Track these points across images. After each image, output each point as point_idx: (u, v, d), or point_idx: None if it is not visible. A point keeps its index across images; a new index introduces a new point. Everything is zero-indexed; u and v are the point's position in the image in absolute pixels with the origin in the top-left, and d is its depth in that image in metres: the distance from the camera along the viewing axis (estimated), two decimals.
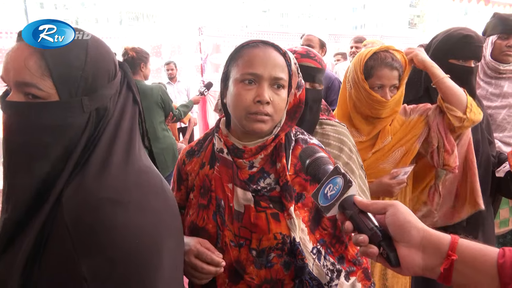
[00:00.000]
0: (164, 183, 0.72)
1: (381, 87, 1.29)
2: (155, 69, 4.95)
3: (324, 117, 1.26)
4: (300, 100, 0.90)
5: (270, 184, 0.85)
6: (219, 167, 0.88)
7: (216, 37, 4.89)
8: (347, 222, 0.60)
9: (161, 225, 0.65)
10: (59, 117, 0.60)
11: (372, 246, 0.56)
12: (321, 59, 1.19)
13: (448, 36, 1.49)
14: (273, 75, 0.80)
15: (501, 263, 0.49)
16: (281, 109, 0.84)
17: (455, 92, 1.33)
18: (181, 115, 3.11)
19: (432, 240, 0.54)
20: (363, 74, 1.30)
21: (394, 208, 0.57)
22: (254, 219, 0.82)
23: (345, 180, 0.60)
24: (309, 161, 0.70)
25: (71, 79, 0.62)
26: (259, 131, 0.82)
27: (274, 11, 56.44)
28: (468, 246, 0.53)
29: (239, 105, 0.81)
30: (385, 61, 1.27)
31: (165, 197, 0.70)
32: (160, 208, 0.67)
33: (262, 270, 0.83)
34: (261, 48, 0.82)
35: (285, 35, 5.48)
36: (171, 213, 0.70)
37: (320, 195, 0.63)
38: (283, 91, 0.83)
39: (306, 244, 0.82)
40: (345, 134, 1.20)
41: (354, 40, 3.46)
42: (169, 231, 0.68)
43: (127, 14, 47.27)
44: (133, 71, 2.80)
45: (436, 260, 0.53)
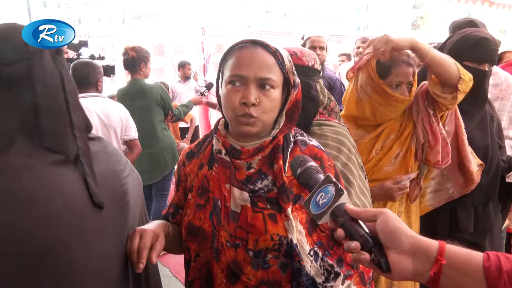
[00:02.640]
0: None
1: (399, 85, 1.27)
2: (158, 69, 4.96)
3: (323, 117, 1.25)
4: (296, 100, 0.89)
5: (267, 185, 0.85)
6: (217, 167, 0.88)
7: (219, 37, 4.90)
8: (339, 229, 0.61)
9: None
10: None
11: (364, 253, 0.58)
12: (312, 57, 1.16)
13: (464, 38, 1.45)
14: (259, 75, 0.79)
15: (487, 266, 0.52)
16: (270, 110, 0.82)
17: (446, 63, 1.21)
18: (180, 114, 3.11)
19: (421, 246, 0.56)
20: (377, 75, 1.27)
21: (384, 216, 0.59)
22: (251, 219, 0.82)
23: (337, 189, 0.62)
24: (300, 170, 0.72)
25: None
26: (248, 134, 0.82)
27: (276, 11, 56.44)
28: (456, 251, 0.55)
29: (228, 107, 0.81)
30: (401, 58, 1.26)
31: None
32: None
33: (259, 271, 0.82)
34: (248, 48, 0.82)
35: (288, 36, 5.48)
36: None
37: (312, 203, 0.64)
38: (273, 92, 0.82)
39: (303, 246, 0.81)
40: (344, 135, 1.19)
41: (361, 40, 3.46)
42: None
43: (130, 13, 47.35)
44: (134, 70, 2.81)
45: (425, 265, 0.55)
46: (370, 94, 1.31)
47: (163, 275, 2.84)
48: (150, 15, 48.59)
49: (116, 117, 2.24)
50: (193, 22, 35.40)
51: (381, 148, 1.37)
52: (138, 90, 2.80)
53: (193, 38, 5.05)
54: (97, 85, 2.27)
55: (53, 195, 0.64)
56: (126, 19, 46.54)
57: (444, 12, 42.21)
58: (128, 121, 2.34)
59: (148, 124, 2.81)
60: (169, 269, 2.91)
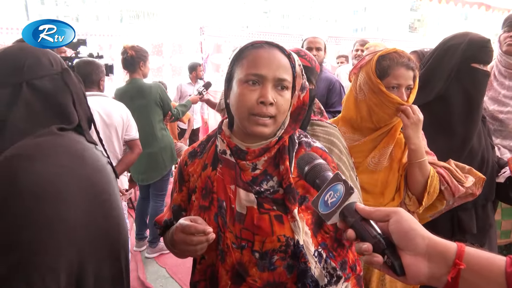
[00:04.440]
0: (87, 152, 0.81)
1: (397, 87, 1.24)
2: (156, 68, 4.94)
3: (316, 118, 1.24)
4: (304, 102, 0.89)
5: (273, 186, 0.85)
6: (222, 168, 0.87)
7: (217, 37, 4.88)
8: (349, 230, 0.58)
9: (67, 177, 0.73)
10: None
11: (377, 255, 0.55)
12: (312, 59, 1.17)
13: (471, 41, 1.46)
14: (277, 76, 0.80)
15: (510, 272, 0.48)
16: (285, 111, 0.83)
17: (422, 180, 1.27)
18: (179, 114, 3.10)
19: (437, 248, 0.53)
20: (375, 74, 1.25)
21: (397, 215, 0.55)
22: (257, 221, 0.82)
23: (346, 187, 0.59)
24: (307, 168, 0.69)
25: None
26: (260, 135, 0.81)
27: (275, 12, 56.47)
28: (475, 254, 0.52)
29: (242, 105, 0.80)
30: (401, 61, 1.24)
31: (81, 160, 0.79)
32: (69, 165, 0.75)
33: (265, 273, 0.82)
34: (265, 49, 0.82)
35: (286, 37, 5.47)
36: (83, 172, 0.78)
37: (320, 203, 0.62)
38: (287, 93, 0.83)
39: (309, 247, 0.81)
40: (335, 135, 1.19)
41: (360, 43, 3.46)
42: (78, 186, 0.74)
43: (128, 12, 47.18)
44: (132, 70, 2.80)
45: (442, 269, 0.52)
46: (366, 94, 1.29)
47: (160, 276, 2.83)
48: (148, 14, 48.45)
49: (117, 116, 2.23)
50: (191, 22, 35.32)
51: (377, 162, 1.33)
52: (137, 90, 2.79)
53: (191, 38, 5.03)
54: (99, 84, 2.26)
55: (102, 159, 0.87)
56: (124, 18, 46.38)
57: (441, 15, 42.42)
58: (130, 120, 2.33)
59: (147, 123, 2.80)
60: (166, 270, 2.90)
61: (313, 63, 1.18)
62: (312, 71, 1.17)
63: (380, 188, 1.33)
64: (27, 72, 0.78)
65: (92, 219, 0.76)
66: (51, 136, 0.77)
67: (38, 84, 0.79)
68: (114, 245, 0.84)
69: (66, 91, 0.84)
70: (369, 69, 1.28)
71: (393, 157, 1.35)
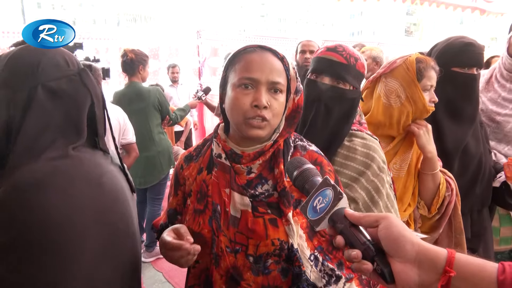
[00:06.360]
0: (106, 177, 0.78)
1: (429, 90, 1.27)
2: (153, 72, 4.94)
3: (355, 127, 1.13)
4: (298, 105, 0.89)
5: (268, 190, 0.85)
6: (217, 172, 0.87)
7: (214, 40, 4.90)
8: (338, 236, 0.57)
9: (83, 210, 0.70)
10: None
11: (366, 262, 0.54)
12: (351, 55, 1.06)
13: (450, 45, 1.47)
14: (270, 79, 0.80)
15: (502, 279, 0.47)
16: (279, 114, 0.83)
17: (434, 188, 1.31)
18: (177, 118, 3.10)
19: (428, 254, 0.52)
20: (416, 81, 1.25)
21: (387, 221, 0.54)
22: (251, 224, 0.81)
23: (335, 192, 0.58)
24: (296, 173, 0.67)
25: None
26: (256, 137, 0.82)
27: (272, 16, 56.74)
28: (466, 261, 0.50)
29: (237, 109, 0.80)
30: (431, 63, 1.27)
31: (99, 189, 0.75)
32: (87, 196, 0.72)
33: (259, 277, 0.82)
34: (258, 52, 0.82)
35: (283, 40, 5.50)
36: (100, 203, 0.75)
37: (309, 208, 0.60)
38: (281, 96, 0.83)
39: (304, 250, 0.81)
40: (376, 150, 1.09)
41: (358, 47, 3.48)
42: (95, 219, 0.72)
43: (125, 15, 47.21)
44: (132, 73, 2.80)
45: (433, 276, 0.51)
46: (403, 101, 1.27)
47: (157, 280, 2.81)
48: (145, 18, 48.50)
49: (114, 120, 2.22)
50: (188, 25, 35.35)
51: (399, 168, 1.33)
52: (136, 93, 2.79)
53: (188, 42, 5.04)
54: None
55: (120, 181, 0.84)
56: (121, 22, 46.39)
57: (437, 19, 42.79)
58: (126, 124, 2.32)
59: (145, 127, 2.79)
60: (163, 274, 2.88)
61: (352, 60, 1.05)
62: (348, 69, 1.04)
63: (399, 194, 1.32)
64: (42, 74, 0.73)
65: (108, 257, 0.74)
66: (67, 160, 0.72)
67: (54, 87, 0.74)
68: (126, 277, 0.82)
69: (86, 93, 0.79)
70: (410, 74, 1.25)
71: (410, 162, 1.35)
